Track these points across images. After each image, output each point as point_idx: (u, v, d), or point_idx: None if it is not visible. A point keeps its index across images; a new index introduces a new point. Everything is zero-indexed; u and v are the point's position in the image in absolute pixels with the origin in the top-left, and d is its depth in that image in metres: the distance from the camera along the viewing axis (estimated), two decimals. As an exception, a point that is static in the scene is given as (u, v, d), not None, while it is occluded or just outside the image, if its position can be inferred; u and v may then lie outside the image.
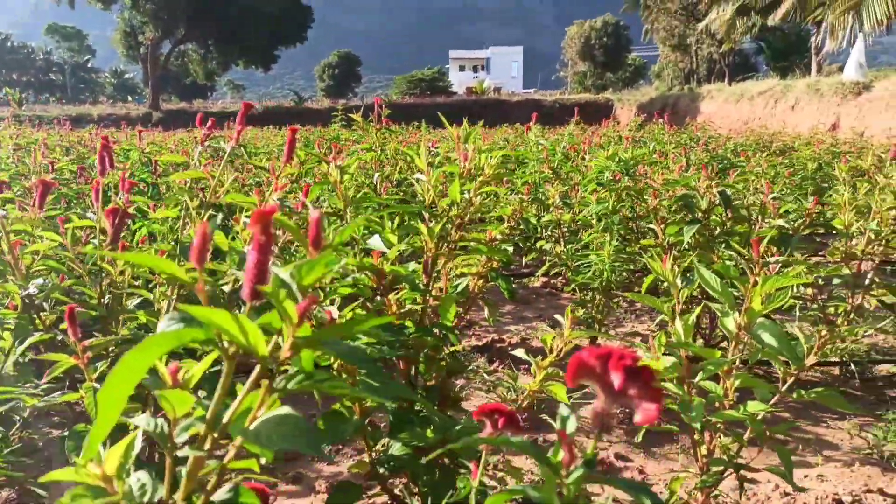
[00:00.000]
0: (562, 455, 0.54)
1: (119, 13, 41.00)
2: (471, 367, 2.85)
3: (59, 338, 1.39)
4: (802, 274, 2.60)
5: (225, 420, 0.61)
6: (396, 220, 1.81)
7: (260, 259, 0.57)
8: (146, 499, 0.64)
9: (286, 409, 0.57)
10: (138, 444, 0.64)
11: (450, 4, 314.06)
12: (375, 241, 1.69)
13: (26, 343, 1.34)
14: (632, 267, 3.36)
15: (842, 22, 21.23)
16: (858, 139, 12.01)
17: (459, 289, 2.95)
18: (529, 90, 59.70)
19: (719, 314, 1.73)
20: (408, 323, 1.74)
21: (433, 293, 1.78)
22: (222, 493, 0.63)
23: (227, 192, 1.58)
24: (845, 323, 2.92)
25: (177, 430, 0.62)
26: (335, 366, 1.41)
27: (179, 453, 0.61)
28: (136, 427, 0.66)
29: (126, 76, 75.71)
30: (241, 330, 0.55)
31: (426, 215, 1.82)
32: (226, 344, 0.58)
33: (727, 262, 1.94)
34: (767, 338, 1.55)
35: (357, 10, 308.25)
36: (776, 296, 1.70)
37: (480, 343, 3.35)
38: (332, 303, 1.67)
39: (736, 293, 1.72)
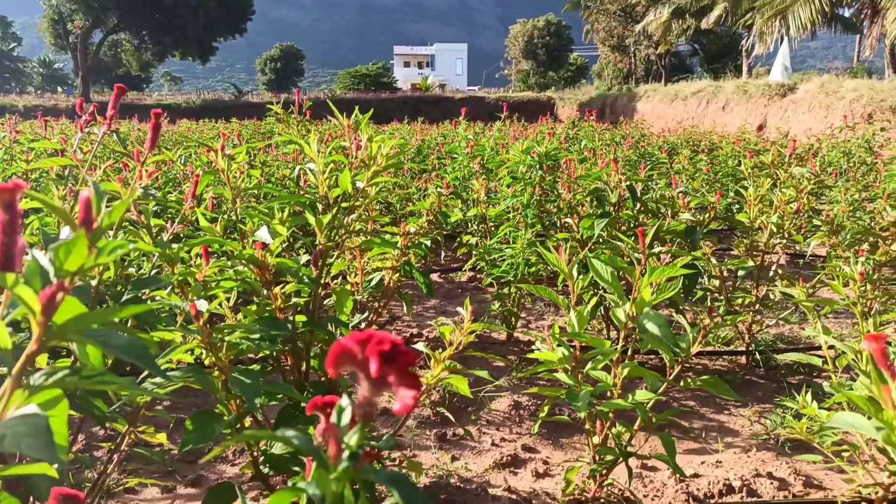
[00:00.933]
0: (332, 449, 0.51)
1: (45, 0, 39.15)
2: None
3: None
4: (701, 262, 2.66)
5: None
6: (287, 211, 1.75)
7: (3, 241, 0.51)
8: None
9: (32, 408, 0.51)
10: None
11: (391, 2, 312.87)
12: (262, 233, 1.64)
13: None
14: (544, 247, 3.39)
15: (770, 26, 22.11)
16: (783, 138, 12.52)
17: (374, 283, 2.91)
18: (474, 87, 59.97)
19: (612, 304, 1.74)
20: (298, 318, 1.68)
21: (330, 286, 1.74)
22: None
23: (101, 180, 1.50)
24: (750, 313, 3.02)
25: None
26: (207, 363, 1.35)
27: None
28: None
29: (55, 66, 72.36)
30: (-22, 319, 0.50)
31: (320, 207, 1.77)
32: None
33: (616, 256, 1.96)
34: (651, 327, 1.57)
35: (299, 5, 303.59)
36: (666, 286, 1.72)
37: (400, 337, 3.31)
38: (227, 299, 1.60)
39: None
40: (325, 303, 2.06)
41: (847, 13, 23.73)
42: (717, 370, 3.09)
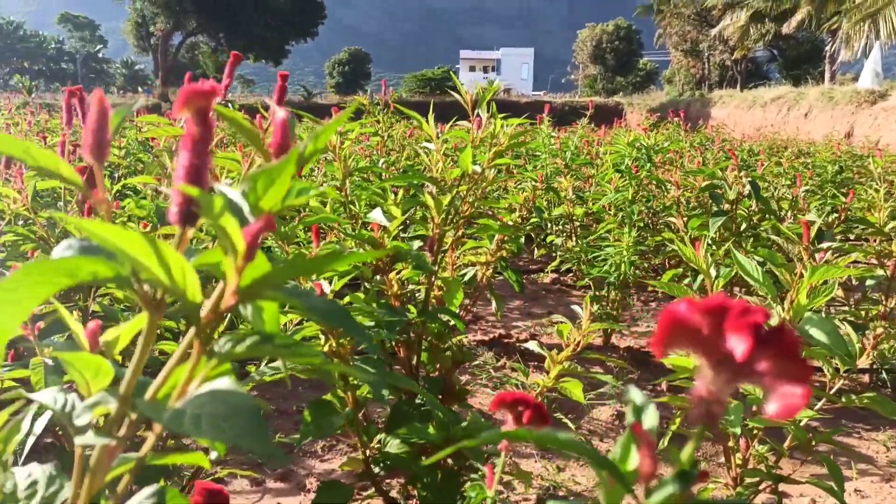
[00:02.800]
0: (635, 461, 0.36)
1: (131, 4, 41.01)
2: (477, 362, 2.66)
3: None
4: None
5: (148, 396, 0.43)
6: (400, 194, 1.63)
7: (194, 162, 0.39)
8: (37, 500, 0.46)
9: (225, 383, 0.39)
10: (26, 428, 0.46)
11: (456, 6, 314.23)
12: (377, 215, 1.52)
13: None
14: (647, 264, 3.18)
15: (858, 31, 20.97)
16: (874, 148, 11.79)
17: (467, 278, 2.77)
18: (539, 92, 59.49)
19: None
20: (410, 307, 1.56)
21: (438, 277, 1.60)
22: (142, 498, 0.45)
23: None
24: (879, 328, 2.73)
25: (78, 410, 0.44)
26: (326, 349, 1.23)
27: (80, 440, 0.43)
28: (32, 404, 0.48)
29: (137, 67, 75.76)
30: (160, 262, 0.37)
31: (433, 189, 1.64)
32: (144, 285, 0.40)
33: (768, 250, 1.75)
34: (818, 333, 1.37)
35: (366, 12, 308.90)
36: (822, 289, 1.52)
37: (487, 338, 3.17)
38: (329, 282, 1.49)
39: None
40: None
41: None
42: (839, 389, 2.81)
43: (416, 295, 1.53)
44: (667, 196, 2.79)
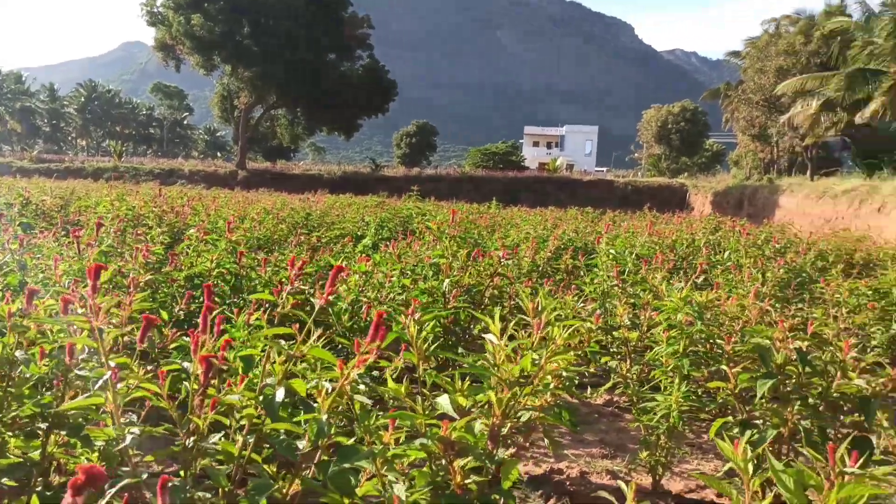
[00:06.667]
0: None
1: (219, 79, 44.13)
2: (527, 504, 2.80)
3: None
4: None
5: None
6: (467, 382, 1.85)
7: None
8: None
9: None
10: None
11: (526, 86, 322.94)
12: (444, 402, 1.74)
13: None
14: (701, 404, 3.27)
15: (934, 123, 20.53)
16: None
17: (522, 420, 2.95)
18: (602, 169, 59.88)
19: (793, 512, 1.67)
20: (471, 484, 1.75)
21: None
22: None
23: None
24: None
25: None
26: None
27: None
28: None
29: (218, 134, 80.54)
30: None
31: (494, 379, 1.85)
32: None
33: (797, 471, 1.86)
34: (844, 556, 1.49)
35: (435, 86, 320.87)
36: (852, 499, 1.64)
37: (538, 470, 3.29)
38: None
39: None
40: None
41: None
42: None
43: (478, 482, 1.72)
44: (718, 349, 2.91)
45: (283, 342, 1.74)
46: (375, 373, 2.08)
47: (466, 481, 1.65)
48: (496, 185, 36.21)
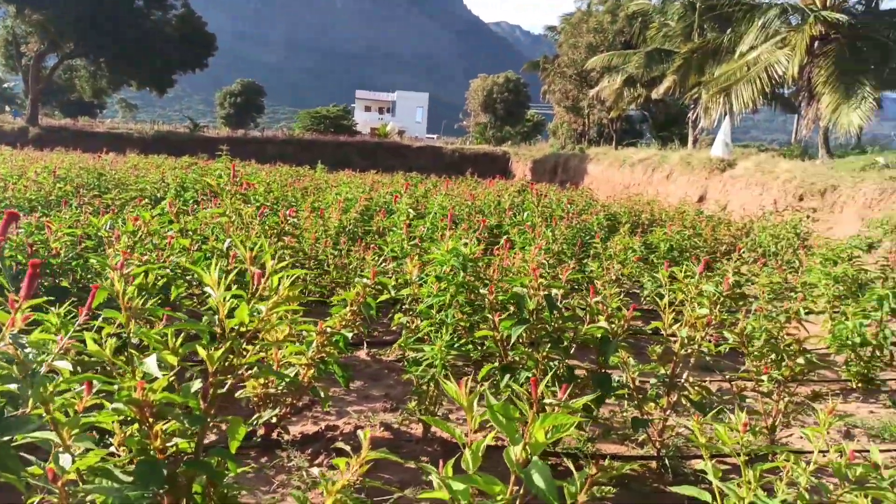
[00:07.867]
0: None
1: (1, 20, 38.32)
2: (291, 463, 2.74)
3: None
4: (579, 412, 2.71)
5: None
6: (181, 337, 1.72)
7: None
8: None
9: None
10: None
11: (357, 49, 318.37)
12: (151, 364, 1.60)
13: None
14: (465, 352, 3.40)
15: (714, 102, 23.20)
16: (720, 212, 13.06)
17: (290, 377, 2.86)
18: (432, 136, 60.87)
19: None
20: (181, 444, 1.64)
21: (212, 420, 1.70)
22: None
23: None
24: (662, 420, 3.08)
25: None
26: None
27: None
28: None
29: (4, 85, 70.35)
30: None
31: (218, 331, 1.75)
32: None
33: (504, 403, 1.96)
34: (538, 479, 1.59)
35: (265, 44, 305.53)
36: (562, 426, 1.75)
37: (316, 428, 3.25)
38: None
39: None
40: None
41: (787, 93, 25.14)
42: (628, 475, 3.12)
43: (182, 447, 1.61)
44: (483, 298, 3.03)
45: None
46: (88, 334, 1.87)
47: (168, 444, 1.53)
48: (326, 149, 35.37)
